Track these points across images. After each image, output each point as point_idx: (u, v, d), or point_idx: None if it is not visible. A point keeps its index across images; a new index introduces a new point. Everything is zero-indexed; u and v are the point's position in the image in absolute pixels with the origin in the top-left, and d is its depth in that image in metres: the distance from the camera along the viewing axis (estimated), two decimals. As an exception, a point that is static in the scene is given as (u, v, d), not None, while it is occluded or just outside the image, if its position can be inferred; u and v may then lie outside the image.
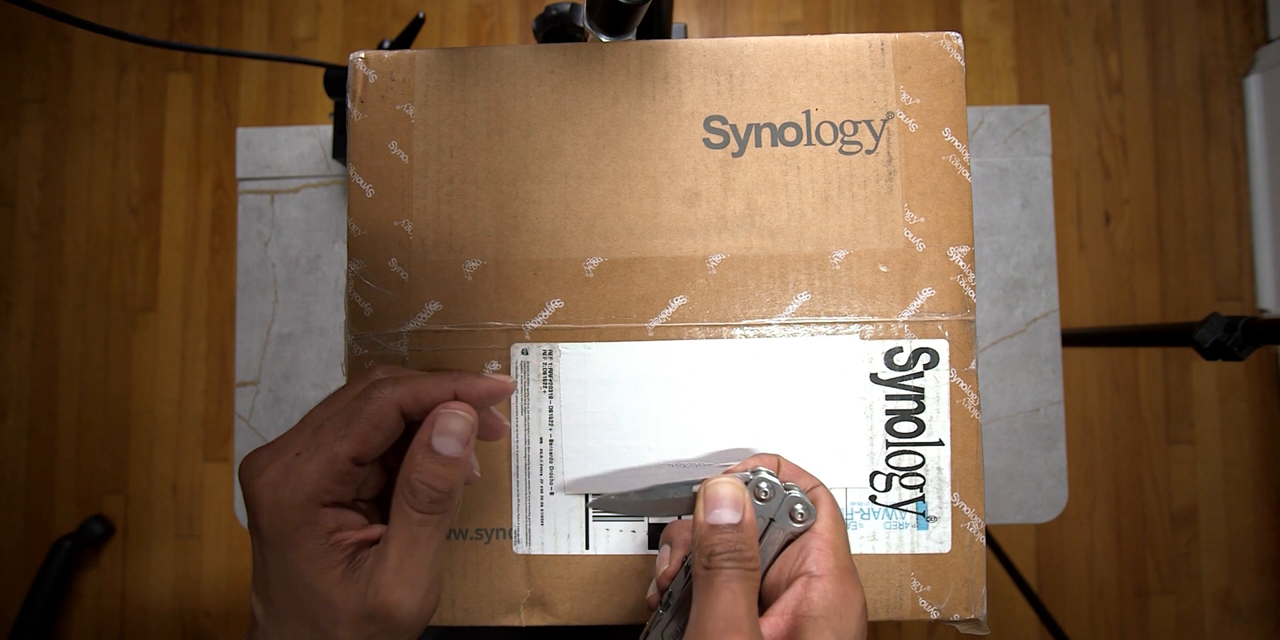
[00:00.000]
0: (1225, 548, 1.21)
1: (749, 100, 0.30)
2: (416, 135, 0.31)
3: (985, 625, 0.29)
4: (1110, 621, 1.20)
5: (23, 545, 1.28)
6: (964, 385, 0.30)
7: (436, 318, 0.30)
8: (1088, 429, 1.23)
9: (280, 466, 0.23)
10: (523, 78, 0.31)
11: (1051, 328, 0.55)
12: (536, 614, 0.30)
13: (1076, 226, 1.26)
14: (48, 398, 1.31)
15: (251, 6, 1.37)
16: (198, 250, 1.33)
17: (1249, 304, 1.25)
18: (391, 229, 0.30)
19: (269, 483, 0.23)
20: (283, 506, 0.23)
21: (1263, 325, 0.51)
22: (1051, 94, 1.29)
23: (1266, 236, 1.23)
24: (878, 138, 0.30)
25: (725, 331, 0.30)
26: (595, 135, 0.30)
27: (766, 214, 0.30)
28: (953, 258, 0.30)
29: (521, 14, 1.35)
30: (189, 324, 1.31)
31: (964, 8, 1.31)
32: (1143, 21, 1.29)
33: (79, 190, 1.35)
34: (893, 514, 0.30)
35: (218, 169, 1.34)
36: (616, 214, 0.30)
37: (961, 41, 0.30)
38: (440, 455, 0.24)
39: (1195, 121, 1.28)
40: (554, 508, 0.30)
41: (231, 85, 1.36)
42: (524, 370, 0.30)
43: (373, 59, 0.31)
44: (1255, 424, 1.23)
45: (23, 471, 1.30)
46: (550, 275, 0.30)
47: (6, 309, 1.33)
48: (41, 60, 1.38)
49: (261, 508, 0.23)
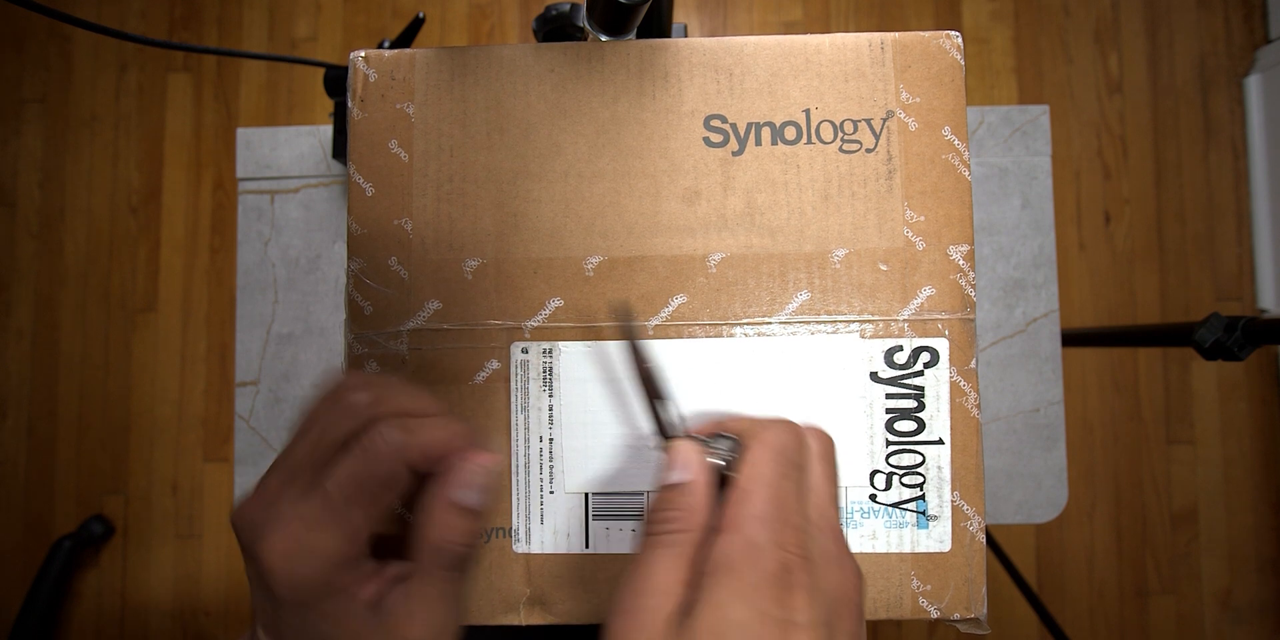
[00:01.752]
0: (1225, 548, 1.21)
1: (749, 99, 0.30)
2: (416, 134, 0.31)
3: (985, 625, 0.29)
4: (1110, 621, 1.20)
5: (23, 545, 1.28)
6: (964, 384, 0.30)
7: (436, 316, 0.30)
8: (1088, 429, 1.23)
9: (291, 538, 0.21)
10: (523, 77, 0.31)
11: (1051, 328, 0.55)
12: (536, 613, 0.30)
13: (1076, 226, 1.26)
14: (48, 398, 1.31)
15: (251, 6, 1.37)
16: (198, 250, 1.33)
17: (1249, 304, 1.25)
18: (391, 228, 0.30)
19: (283, 556, 0.21)
20: (302, 581, 0.21)
21: (1263, 325, 0.51)
22: (1051, 94, 1.29)
23: (1266, 236, 1.23)
24: (877, 136, 0.30)
25: (725, 330, 0.30)
26: (595, 134, 0.30)
27: (766, 213, 0.30)
28: (953, 256, 0.30)
29: (521, 14, 1.35)
30: (189, 324, 1.31)
31: (964, 8, 1.31)
32: (1143, 21, 1.29)
33: (79, 190, 1.35)
34: (893, 513, 0.30)
35: (218, 169, 1.34)
36: (616, 213, 0.30)
37: (961, 41, 0.30)
38: (463, 508, 0.23)
39: (1195, 121, 1.28)
40: (554, 507, 0.30)
41: (231, 85, 1.36)
42: (524, 369, 0.30)
43: (373, 58, 0.31)
44: (1255, 424, 1.23)
45: (23, 471, 1.30)
46: (550, 274, 0.30)
47: (6, 309, 1.33)
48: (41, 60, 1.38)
49: (276, 578, 0.21)
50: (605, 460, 0.30)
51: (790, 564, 0.21)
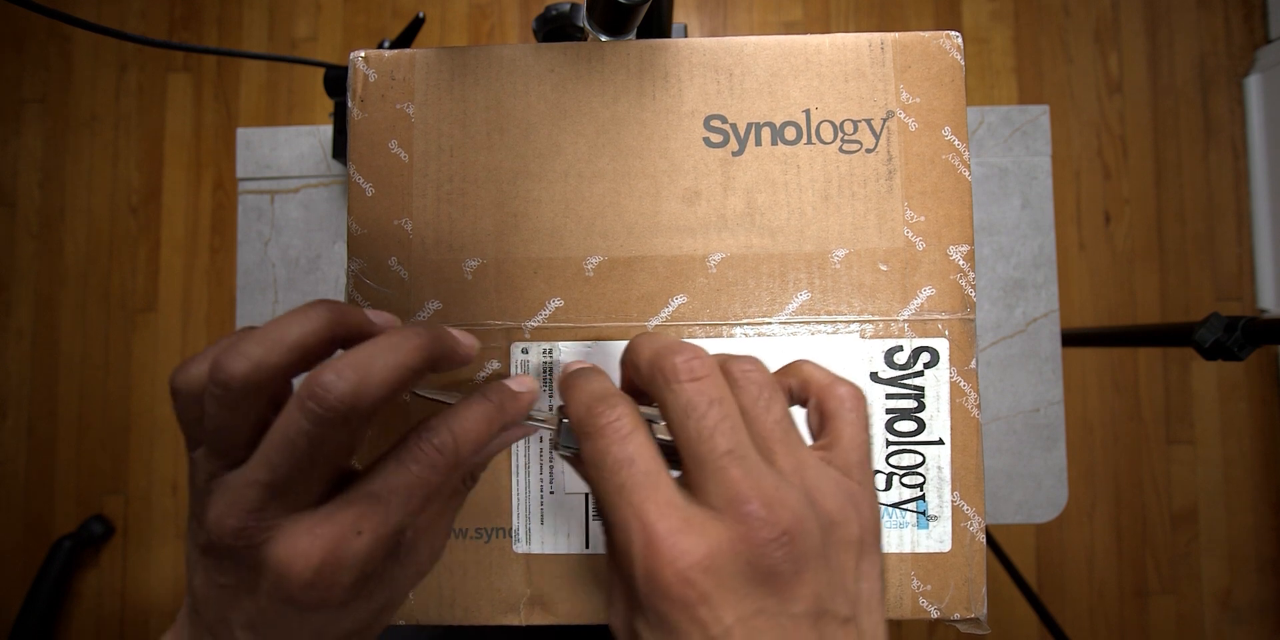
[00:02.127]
0: (1225, 548, 1.21)
1: (749, 99, 0.30)
2: (416, 134, 0.31)
3: (985, 624, 0.29)
4: (1110, 621, 1.20)
5: (23, 545, 1.28)
6: (964, 384, 0.30)
7: (436, 316, 0.30)
8: (1088, 429, 1.23)
9: (331, 545, 0.19)
10: (523, 77, 0.31)
11: (1051, 328, 0.55)
12: (537, 613, 0.30)
13: (1076, 226, 1.26)
14: (48, 398, 1.31)
15: (251, 6, 1.37)
16: (198, 250, 1.33)
17: (1249, 304, 1.25)
18: (391, 228, 0.30)
19: (326, 566, 0.19)
20: (335, 587, 0.19)
21: (1263, 325, 0.51)
22: (1051, 94, 1.29)
23: (1266, 236, 1.23)
24: (877, 137, 0.30)
25: (725, 330, 0.30)
26: (595, 134, 0.30)
27: (766, 213, 0.30)
28: (953, 256, 0.30)
29: (521, 14, 1.35)
30: (189, 324, 1.31)
31: (964, 8, 1.31)
32: (1143, 21, 1.29)
33: (79, 190, 1.35)
34: (893, 513, 0.30)
35: (218, 169, 1.34)
36: (616, 213, 0.30)
37: (961, 41, 0.30)
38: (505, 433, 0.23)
39: (1195, 121, 1.28)
40: (554, 507, 0.30)
41: (231, 85, 1.36)
42: (524, 369, 0.30)
43: (373, 58, 0.31)
44: (1255, 424, 1.23)
45: (23, 471, 1.30)
46: (550, 274, 0.30)
47: (6, 309, 1.33)
48: (41, 60, 1.38)
49: (301, 586, 0.19)
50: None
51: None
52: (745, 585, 0.17)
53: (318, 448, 0.19)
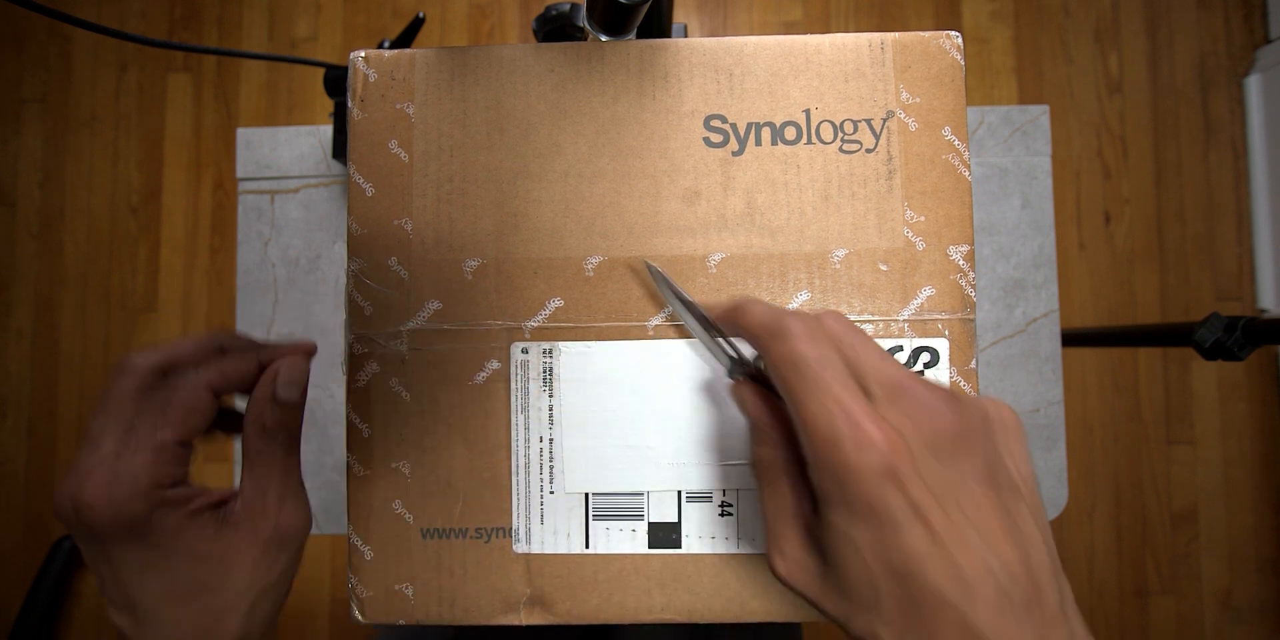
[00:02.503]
0: (1225, 548, 1.21)
1: (749, 99, 0.30)
2: (416, 134, 0.31)
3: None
4: (1110, 621, 1.20)
5: (23, 545, 1.28)
6: (964, 384, 0.30)
7: (436, 316, 0.30)
8: (1088, 429, 1.23)
9: (105, 470, 0.22)
10: (523, 77, 0.31)
11: (1051, 328, 0.55)
12: (536, 613, 0.30)
13: (1076, 226, 1.26)
14: (48, 398, 1.31)
15: (251, 6, 1.37)
16: (198, 250, 1.33)
17: (1249, 304, 1.25)
18: (391, 228, 0.30)
19: (101, 483, 0.22)
20: (124, 500, 0.22)
21: (1263, 325, 0.51)
22: (1051, 94, 1.29)
23: (1266, 236, 1.23)
24: (878, 137, 0.30)
25: (725, 330, 0.30)
26: (595, 134, 0.30)
27: (766, 213, 0.30)
28: (953, 257, 0.30)
29: (521, 14, 1.35)
30: (189, 324, 1.31)
31: (964, 8, 1.31)
32: (1143, 21, 1.29)
33: (79, 190, 1.35)
34: (893, 513, 0.29)
35: (218, 169, 1.34)
36: (616, 213, 0.30)
37: (961, 41, 0.30)
38: (284, 401, 0.26)
39: (1195, 121, 1.28)
40: (554, 507, 0.30)
41: (231, 85, 1.36)
42: (524, 369, 0.30)
43: (373, 58, 0.31)
44: (1255, 424, 1.23)
45: (23, 471, 1.30)
46: (550, 274, 0.30)
47: (6, 309, 1.33)
48: (41, 60, 1.38)
49: (99, 511, 0.22)
50: (605, 460, 0.30)
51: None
52: (931, 459, 0.20)
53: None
